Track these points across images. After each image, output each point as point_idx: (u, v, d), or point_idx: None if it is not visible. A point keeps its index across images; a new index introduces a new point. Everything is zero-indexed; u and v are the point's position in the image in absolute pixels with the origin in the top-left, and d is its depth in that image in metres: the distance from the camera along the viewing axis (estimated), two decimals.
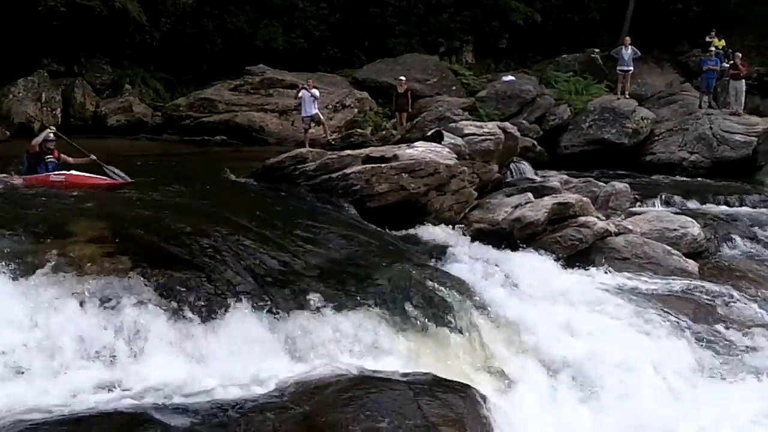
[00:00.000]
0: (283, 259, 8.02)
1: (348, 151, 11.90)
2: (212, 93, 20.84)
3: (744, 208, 16.00)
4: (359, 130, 19.24)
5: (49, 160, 10.67)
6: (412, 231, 10.98)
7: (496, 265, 10.01)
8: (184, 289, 6.89)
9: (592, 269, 11.00)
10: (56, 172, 10.46)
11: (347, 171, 10.97)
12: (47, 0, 18.31)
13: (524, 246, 11.18)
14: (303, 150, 12.27)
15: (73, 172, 10.50)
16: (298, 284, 7.61)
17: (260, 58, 22.41)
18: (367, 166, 11.04)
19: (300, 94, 17.20)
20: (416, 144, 12.22)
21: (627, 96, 21.67)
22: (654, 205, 15.66)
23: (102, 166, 10.91)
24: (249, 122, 19.67)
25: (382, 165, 11.07)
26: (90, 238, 7.55)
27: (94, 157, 11.07)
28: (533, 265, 10.49)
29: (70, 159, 11.00)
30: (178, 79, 22.40)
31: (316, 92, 17.14)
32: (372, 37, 25.24)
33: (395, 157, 11.29)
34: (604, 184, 14.86)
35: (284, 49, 23.41)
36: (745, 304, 10.50)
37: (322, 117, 17.59)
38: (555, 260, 10.89)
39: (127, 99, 20.48)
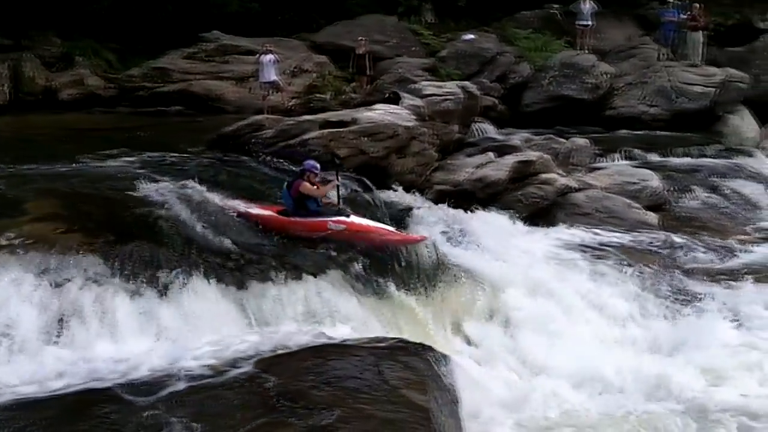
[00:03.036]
0: (237, 229, 7.88)
1: (306, 117, 11.71)
2: (166, 62, 20.25)
3: (703, 159, 16.06)
4: (319, 95, 18.88)
5: None
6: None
7: (459, 226, 9.99)
8: (138, 264, 6.77)
9: (554, 225, 11.04)
10: (334, 219, 8.11)
11: (306, 137, 10.78)
12: None
13: (487, 206, 11.16)
14: (259, 117, 12.04)
15: (353, 219, 8.19)
16: (254, 253, 7.50)
17: (214, 24, 21.86)
18: (326, 131, 10.87)
19: (260, 59, 16.80)
20: (375, 107, 12.03)
21: (587, 51, 21.58)
22: (615, 160, 15.63)
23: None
24: (205, 91, 19.19)
25: (341, 129, 10.91)
26: (42, 215, 7.35)
27: (337, 182, 8.55)
28: (496, 225, 10.50)
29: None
30: (131, 50, 21.71)
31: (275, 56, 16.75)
32: None
33: (354, 121, 11.12)
34: (566, 141, 14.87)
35: (238, 14, 22.81)
36: (704, 253, 10.66)
37: (281, 83, 17.28)
38: (517, 218, 10.89)
39: (79, 72, 19.80)
